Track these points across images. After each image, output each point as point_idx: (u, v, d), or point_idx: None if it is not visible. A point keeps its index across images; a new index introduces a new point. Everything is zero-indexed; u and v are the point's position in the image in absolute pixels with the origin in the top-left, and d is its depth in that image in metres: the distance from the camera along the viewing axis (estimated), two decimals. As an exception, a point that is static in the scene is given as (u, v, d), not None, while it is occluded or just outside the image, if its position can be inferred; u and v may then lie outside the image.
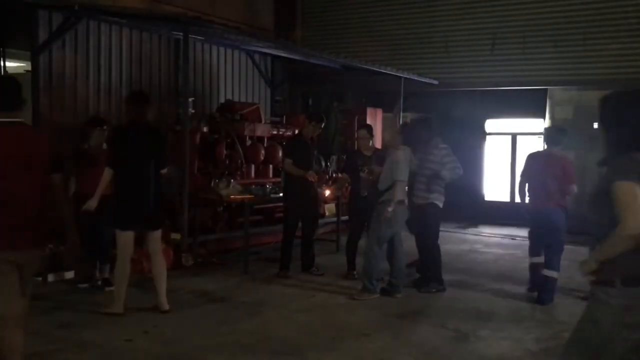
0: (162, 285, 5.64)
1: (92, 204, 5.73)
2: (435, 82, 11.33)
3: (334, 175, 9.49)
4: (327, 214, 9.13)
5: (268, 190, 8.16)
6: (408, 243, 6.85)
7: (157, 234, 5.66)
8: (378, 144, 9.57)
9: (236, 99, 10.62)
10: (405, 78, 10.77)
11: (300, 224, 7.46)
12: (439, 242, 6.82)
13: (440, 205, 6.65)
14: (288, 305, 6.06)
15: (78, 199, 6.18)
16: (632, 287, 2.53)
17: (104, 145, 6.46)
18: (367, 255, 6.37)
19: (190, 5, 9.70)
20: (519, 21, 11.18)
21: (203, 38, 9.72)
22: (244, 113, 9.18)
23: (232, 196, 7.69)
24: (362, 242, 7.23)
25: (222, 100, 10.22)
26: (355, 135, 7.65)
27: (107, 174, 5.54)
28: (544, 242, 6.40)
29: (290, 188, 7.36)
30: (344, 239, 7.94)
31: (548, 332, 5.39)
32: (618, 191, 2.52)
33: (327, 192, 7.49)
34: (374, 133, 7.73)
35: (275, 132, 9.42)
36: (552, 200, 6.22)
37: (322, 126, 7.56)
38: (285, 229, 7.39)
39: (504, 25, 11.33)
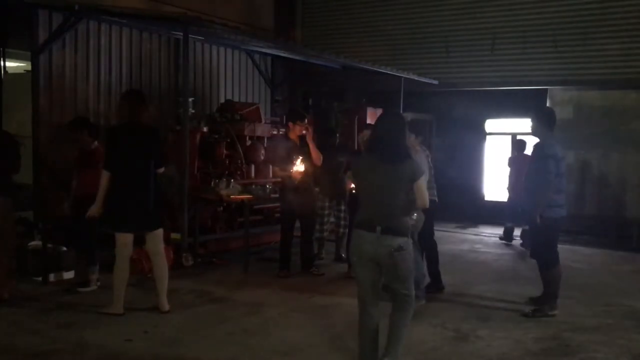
0: (163, 285, 5.64)
1: (95, 210, 5.71)
2: (435, 82, 11.33)
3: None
4: None
5: (268, 190, 8.16)
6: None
7: (157, 234, 5.65)
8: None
9: (236, 99, 10.62)
10: (405, 78, 10.77)
11: (298, 224, 7.46)
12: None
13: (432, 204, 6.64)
14: (288, 305, 6.06)
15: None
16: (354, 228, 4.05)
17: (91, 146, 6.49)
18: None
19: (190, 5, 9.70)
20: (519, 21, 11.18)
21: (203, 38, 9.72)
22: (244, 113, 9.18)
23: (232, 196, 7.69)
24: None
25: (222, 100, 10.22)
26: (359, 135, 7.64)
27: (104, 176, 5.51)
28: None
29: (284, 189, 7.35)
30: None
31: (548, 332, 5.39)
32: None
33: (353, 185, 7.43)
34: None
35: (275, 132, 9.42)
36: None
37: (306, 122, 7.53)
38: (283, 230, 7.38)
39: (504, 25, 11.33)
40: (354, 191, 7.21)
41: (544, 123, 5.98)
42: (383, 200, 3.99)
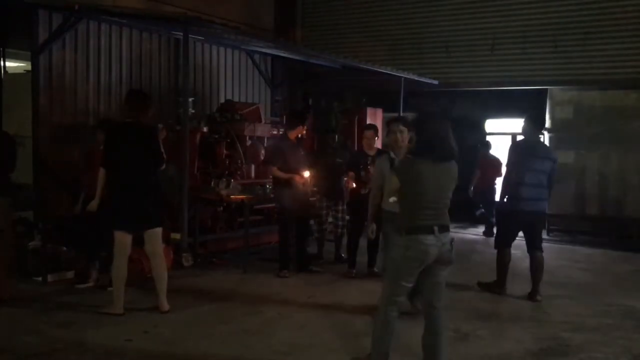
0: (163, 285, 5.64)
1: (94, 204, 5.79)
2: (435, 82, 11.33)
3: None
4: None
5: (268, 190, 8.16)
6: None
7: (156, 234, 5.63)
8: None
9: (236, 99, 10.62)
10: (405, 78, 10.77)
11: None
12: None
13: None
14: (288, 304, 6.06)
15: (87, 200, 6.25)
16: (410, 234, 3.95)
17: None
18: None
19: (190, 5, 9.71)
20: (519, 21, 11.18)
21: (203, 38, 9.72)
22: (244, 113, 9.17)
23: (232, 196, 7.69)
24: (362, 241, 7.25)
25: (222, 100, 10.21)
26: (363, 135, 7.65)
27: (101, 174, 5.62)
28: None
29: (280, 190, 7.34)
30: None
31: (548, 332, 5.39)
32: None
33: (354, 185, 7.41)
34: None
35: (275, 132, 9.41)
36: None
37: (305, 124, 7.56)
38: (281, 230, 7.37)
39: (504, 25, 11.33)
40: (356, 192, 7.23)
41: (531, 124, 6.54)
42: (438, 200, 4.01)
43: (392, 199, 4.40)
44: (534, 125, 6.56)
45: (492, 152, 11.23)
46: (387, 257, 4.67)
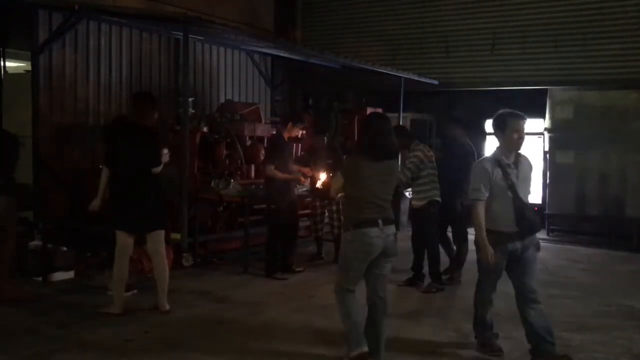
0: (163, 285, 5.64)
1: (96, 203, 5.78)
2: (435, 82, 11.33)
3: None
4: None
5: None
6: (402, 244, 6.89)
7: (158, 234, 5.64)
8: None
9: (236, 99, 10.63)
10: (405, 78, 10.77)
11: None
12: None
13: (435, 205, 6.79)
14: (288, 304, 6.07)
15: None
16: (356, 228, 4.23)
17: None
18: None
19: (190, 5, 9.71)
20: (519, 21, 11.18)
21: (203, 38, 9.73)
22: (244, 113, 9.18)
23: (232, 196, 7.69)
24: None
25: (222, 100, 10.22)
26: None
27: (103, 173, 5.61)
28: None
29: (275, 191, 7.23)
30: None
31: (548, 332, 5.39)
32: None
33: None
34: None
35: (275, 132, 9.41)
36: None
37: (303, 127, 7.59)
38: (274, 231, 7.26)
39: (504, 25, 11.33)
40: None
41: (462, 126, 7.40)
42: (380, 194, 4.32)
43: (339, 196, 4.70)
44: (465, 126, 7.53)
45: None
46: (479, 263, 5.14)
